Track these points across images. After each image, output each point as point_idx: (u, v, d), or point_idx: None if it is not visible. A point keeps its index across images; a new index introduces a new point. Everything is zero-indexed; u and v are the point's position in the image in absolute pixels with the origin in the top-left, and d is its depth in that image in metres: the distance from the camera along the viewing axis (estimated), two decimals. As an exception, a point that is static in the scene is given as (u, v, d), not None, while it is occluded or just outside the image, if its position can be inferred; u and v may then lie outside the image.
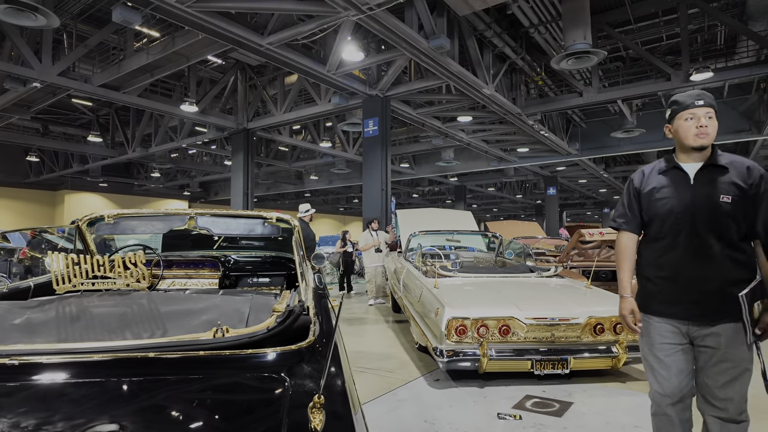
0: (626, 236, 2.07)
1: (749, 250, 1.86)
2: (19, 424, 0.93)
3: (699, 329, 1.85)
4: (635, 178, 2.05)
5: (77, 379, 1.11)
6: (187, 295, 2.00)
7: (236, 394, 1.14)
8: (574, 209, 38.82)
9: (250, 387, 1.16)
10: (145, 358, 1.17)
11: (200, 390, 1.13)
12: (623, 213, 2.08)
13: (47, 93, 11.98)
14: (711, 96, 1.92)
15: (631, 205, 2.04)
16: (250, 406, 1.09)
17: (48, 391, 1.07)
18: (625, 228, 2.07)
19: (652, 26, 11.16)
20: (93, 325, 1.56)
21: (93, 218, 2.58)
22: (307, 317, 1.53)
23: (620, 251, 2.08)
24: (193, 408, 1.07)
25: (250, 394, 1.15)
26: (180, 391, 1.12)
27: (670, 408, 1.93)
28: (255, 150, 15.77)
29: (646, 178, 2.01)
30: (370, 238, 8.35)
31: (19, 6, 6.70)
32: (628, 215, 2.06)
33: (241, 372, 1.21)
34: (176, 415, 1.04)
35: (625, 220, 2.06)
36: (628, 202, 2.06)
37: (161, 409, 1.04)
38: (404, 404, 3.40)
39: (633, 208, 2.04)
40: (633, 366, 4.22)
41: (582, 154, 17.13)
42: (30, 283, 2.23)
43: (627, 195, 2.07)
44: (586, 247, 6.95)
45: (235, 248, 3.78)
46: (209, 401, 1.10)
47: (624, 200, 2.08)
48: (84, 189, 24.75)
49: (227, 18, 8.18)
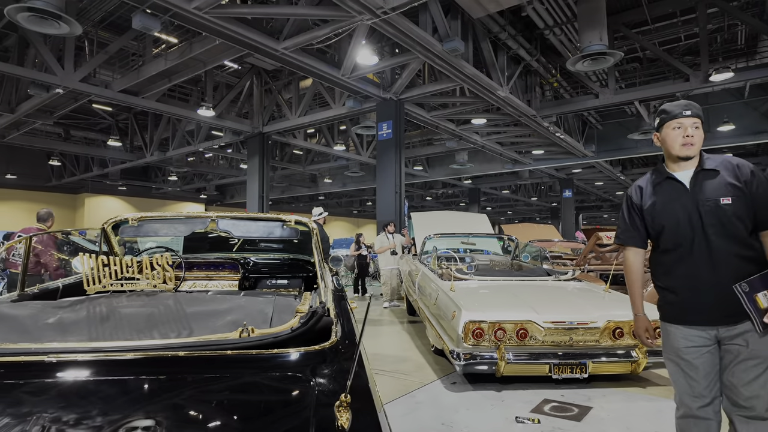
0: (632, 252, 2.10)
1: (758, 245, 1.87)
2: (59, 419, 0.97)
3: (727, 330, 1.85)
4: (633, 195, 2.08)
5: (111, 376, 1.15)
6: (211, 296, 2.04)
7: (264, 393, 1.17)
8: (591, 212, 38.33)
9: (277, 386, 1.19)
10: (175, 357, 1.21)
11: (229, 388, 1.16)
12: (626, 229, 2.10)
13: (69, 98, 12.28)
14: (698, 107, 1.95)
15: (633, 221, 2.07)
16: (277, 404, 1.12)
17: (83, 387, 1.11)
18: (631, 243, 2.09)
19: (669, 26, 11.00)
20: (122, 325, 1.61)
21: (118, 221, 2.65)
22: (329, 318, 1.56)
23: (628, 268, 2.12)
24: (222, 405, 1.10)
25: (277, 393, 1.17)
26: (209, 388, 1.15)
27: (701, 410, 1.91)
28: (270, 153, 15.94)
29: (644, 192, 2.04)
30: (386, 240, 8.37)
31: (42, 14, 6.88)
32: (632, 231, 2.08)
33: (268, 371, 1.24)
34: (206, 411, 1.07)
35: (629, 235, 2.09)
36: (629, 218, 2.08)
37: (192, 405, 1.07)
38: (421, 407, 3.40)
39: (636, 224, 2.06)
40: (653, 371, 4.16)
41: (598, 156, 16.93)
42: (59, 283, 2.30)
43: (627, 211, 2.09)
44: (603, 251, 6.87)
45: (254, 251, 3.83)
46: (238, 399, 1.13)
47: (625, 216, 2.10)
48: (103, 192, 25.26)
49: (244, 24, 8.30)
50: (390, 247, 8.26)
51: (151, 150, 17.27)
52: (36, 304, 1.78)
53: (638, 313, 2.09)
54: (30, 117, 13.41)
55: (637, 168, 21.48)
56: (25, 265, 2.25)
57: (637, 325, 2.09)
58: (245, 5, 8.68)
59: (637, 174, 22.15)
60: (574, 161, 17.67)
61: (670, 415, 3.27)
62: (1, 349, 1.23)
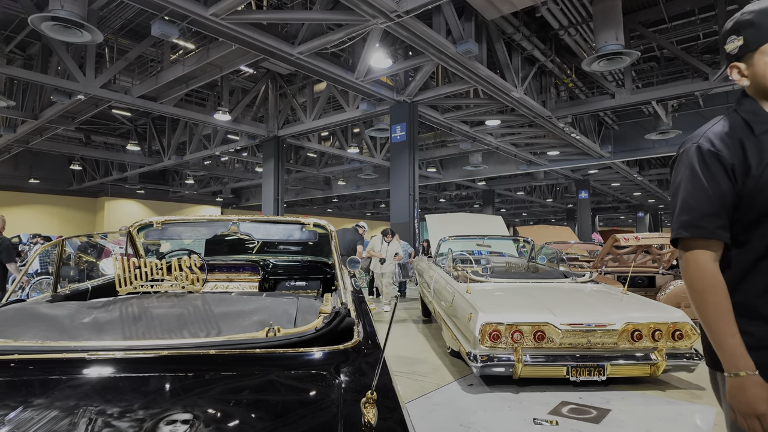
0: (708, 254, 1.16)
1: None
2: (103, 412, 1.03)
3: None
4: (720, 149, 1.16)
5: (146, 373, 1.21)
6: (236, 297, 2.11)
7: (291, 390, 1.22)
8: (607, 213, 37.82)
9: (304, 383, 1.24)
10: (206, 355, 1.27)
11: (257, 385, 1.22)
12: (710, 211, 1.16)
13: (90, 105, 12.59)
14: None
15: (722, 195, 1.15)
16: (305, 401, 1.17)
17: (121, 383, 1.17)
18: (720, 235, 1.16)
19: (688, 24, 10.84)
20: (153, 325, 1.68)
21: (143, 224, 2.74)
22: (351, 319, 1.60)
23: (706, 279, 1.15)
24: (252, 401, 1.15)
25: (304, 390, 1.22)
26: (239, 385, 1.21)
27: None
28: (285, 157, 16.11)
29: (747, 146, 1.16)
30: (378, 246, 8.32)
31: (65, 23, 7.09)
32: (719, 213, 1.16)
33: (294, 369, 1.30)
34: (237, 407, 1.12)
35: (716, 222, 1.16)
36: (716, 190, 1.15)
37: (223, 402, 1.13)
38: (439, 408, 3.42)
39: (725, 200, 1.16)
40: (673, 374, 4.11)
41: (615, 156, 16.73)
42: (88, 285, 2.40)
43: (711, 177, 1.16)
44: (621, 253, 6.80)
45: (273, 253, 3.90)
46: (266, 395, 1.18)
47: (705, 186, 1.16)
48: (122, 196, 25.80)
49: (259, 29, 8.44)
50: (377, 255, 8.19)
51: (168, 154, 17.60)
52: (71, 305, 1.87)
53: (745, 370, 1.08)
54: (52, 123, 13.78)
55: (655, 168, 21.15)
56: (58, 267, 2.35)
57: (752, 392, 1.07)
58: (261, 11, 8.81)
59: (655, 175, 21.80)
60: (590, 162, 17.49)
61: (689, 419, 3.25)
62: (43, 347, 1.31)
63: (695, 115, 14.13)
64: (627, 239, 6.33)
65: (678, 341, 3.75)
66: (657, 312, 3.86)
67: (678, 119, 13.86)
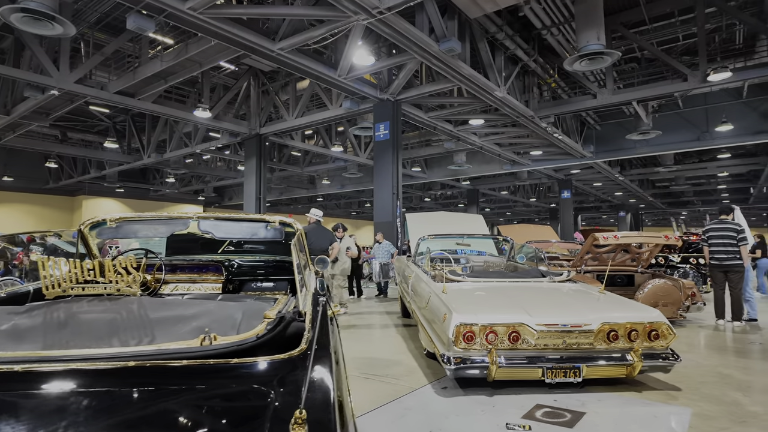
0: None
1: None
2: None
3: None
4: None
5: (55, 390, 1.06)
6: (181, 300, 1.96)
7: (217, 407, 1.08)
8: (590, 212, 38.27)
9: (233, 399, 1.10)
10: (124, 368, 1.12)
11: (180, 403, 1.07)
12: None
13: (65, 100, 12.23)
14: None
15: None
16: (230, 420, 1.03)
17: (25, 400, 1.03)
18: None
19: (668, 26, 10.95)
20: (81, 332, 1.53)
21: (95, 222, 2.58)
22: (301, 324, 1.48)
23: None
24: (169, 422, 1.01)
25: (231, 407, 1.08)
26: (158, 402, 1.07)
27: None
28: (268, 155, 15.88)
29: None
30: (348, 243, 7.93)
31: (36, 15, 6.83)
32: None
33: (226, 382, 1.15)
34: (150, 429, 0.99)
35: None
36: None
37: (136, 422, 0.99)
38: (410, 413, 3.32)
39: None
40: (649, 375, 4.08)
41: (597, 156, 16.88)
42: (30, 287, 2.22)
43: None
44: (600, 252, 6.80)
45: (241, 252, 3.75)
46: (187, 414, 1.04)
47: None
48: (101, 194, 25.22)
49: (239, 24, 8.26)
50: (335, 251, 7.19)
51: (148, 152, 17.23)
52: None
53: None
54: (26, 119, 13.37)
55: (636, 168, 21.43)
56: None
57: None
58: (240, 5, 8.63)
59: (636, 174, 22.10)
60: (572, 162, 17.63)
61: (665, 421, 3.21)
62: None
63: (675, 116, 14.30)
64: (606, 238, 6.32)
65: (654, 341, 3.71)
66: (633, 312, 3.82)
67: (658, 120, 14.01)
